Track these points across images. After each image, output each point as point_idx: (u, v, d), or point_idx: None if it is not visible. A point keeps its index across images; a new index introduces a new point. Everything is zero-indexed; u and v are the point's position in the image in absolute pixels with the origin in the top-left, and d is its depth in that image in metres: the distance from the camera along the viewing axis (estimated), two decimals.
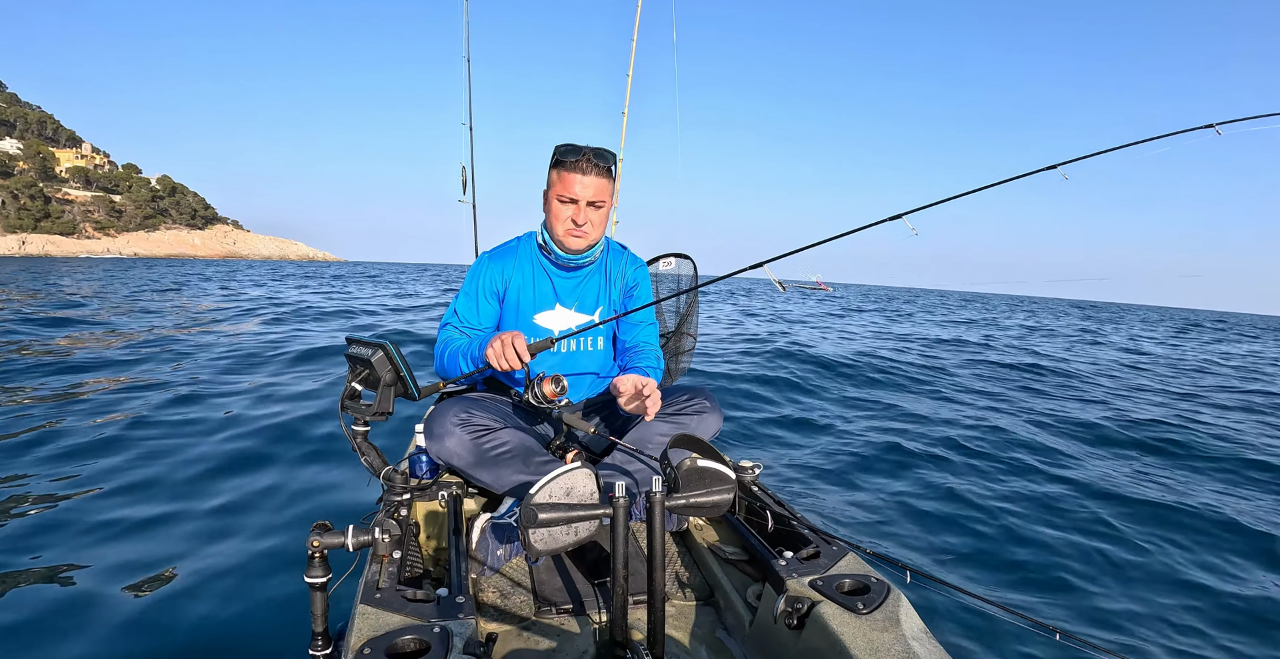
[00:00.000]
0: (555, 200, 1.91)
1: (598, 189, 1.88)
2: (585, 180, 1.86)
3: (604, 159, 1.87)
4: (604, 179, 1.89)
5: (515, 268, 2.05)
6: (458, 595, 1.23)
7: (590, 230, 1.93)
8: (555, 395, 1.70)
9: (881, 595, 1.28)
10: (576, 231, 1.92)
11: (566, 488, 1.18)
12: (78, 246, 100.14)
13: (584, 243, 1.96)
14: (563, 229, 1.93)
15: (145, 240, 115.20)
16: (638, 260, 2.20)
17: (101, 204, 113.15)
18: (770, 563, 1.43)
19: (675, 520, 1.88)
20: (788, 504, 1.76)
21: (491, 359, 1.73)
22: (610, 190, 1.92)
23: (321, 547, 1.36)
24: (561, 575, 1.63)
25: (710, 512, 1.23)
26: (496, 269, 2.05)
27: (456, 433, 1.74)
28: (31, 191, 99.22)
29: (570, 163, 1.86)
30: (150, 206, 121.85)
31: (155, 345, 7.50)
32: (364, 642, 1.08)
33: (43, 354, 6.48)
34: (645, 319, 2.18)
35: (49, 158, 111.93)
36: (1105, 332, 20.69)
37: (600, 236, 2.00)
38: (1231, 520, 3.30)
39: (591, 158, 1.85)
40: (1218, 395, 7.85)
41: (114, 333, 8.50)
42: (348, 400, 1.60)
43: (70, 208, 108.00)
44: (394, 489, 1.59)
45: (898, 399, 6.31)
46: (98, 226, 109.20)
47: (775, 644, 1.33)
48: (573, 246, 1.96)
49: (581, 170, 1.85)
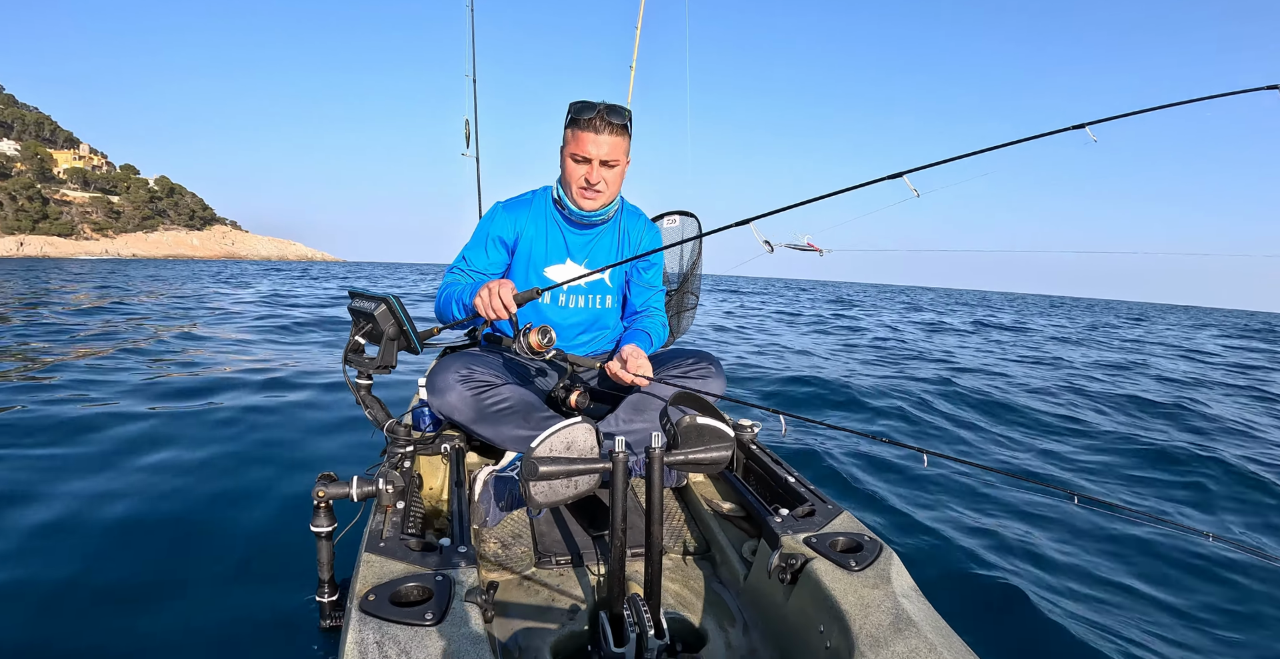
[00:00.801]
0: (569, 159, 1.88)
1: (611, 147, 1.84)
2: (599, 139, 1.82)
3: (618, 116, 1.82)
4: (618, 137, 1.84)
5: (529, 219, 2.03)
6: (460, 546, 1.26)
7: (604, 189, 1.90)
8: (541, 347, 1.67)
9: (874, 554, 1.31)
10: (589, 192, 1.90)
11: (567, 442, 1.20)
12: (76, 248, 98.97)
13: (596, 204, 1.93)
14: (576, 188, 1.90)
15: (144, 241, 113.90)
16: (653, 226, 2.18)
17: (99, 205, 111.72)
18: (766, 519, 1.45)
19: (674, 476, 1.91)
20: (785, 463, 1.78)
21: (479, 307, 1.71)
22: (625, 148, 1.88)
23: (327, 497, 1.39)
24: (561, 528, 1.66)
25: (708, 468, 1.24)
26: (509, 219, 2.03)
27: (457, 388, 1.75)
28: (29, 193, 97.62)
29: (584, 121, 1.81)
30: (148, 207, 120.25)
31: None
32: (369, 588, 1.10)
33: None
34: (654, 283, 2.17)
35: (46, 159, 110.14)
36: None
37: (615, 195, 1.97)
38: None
39: (605, 115, 1.80)
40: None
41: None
42: (351, 353, 1.61)
43: (68, 209, 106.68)
44: (397, 441, 1.61)
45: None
46: (96, 228, 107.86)
47: (769, 598, 1.37)
48: (585, 207, 1.93)
49: (595, 129, 1.81)
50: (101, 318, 9.11)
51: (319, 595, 1.52)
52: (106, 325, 8.11)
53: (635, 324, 2.13)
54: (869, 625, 1.11)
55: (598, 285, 2.08)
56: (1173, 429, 4.99)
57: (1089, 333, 16.76)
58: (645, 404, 1.88)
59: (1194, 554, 2.57)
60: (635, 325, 2.12)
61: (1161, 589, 2.33)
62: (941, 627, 1.12)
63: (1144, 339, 15.65)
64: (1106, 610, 2.16)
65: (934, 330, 14.11)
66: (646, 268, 2.14)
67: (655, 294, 2.19)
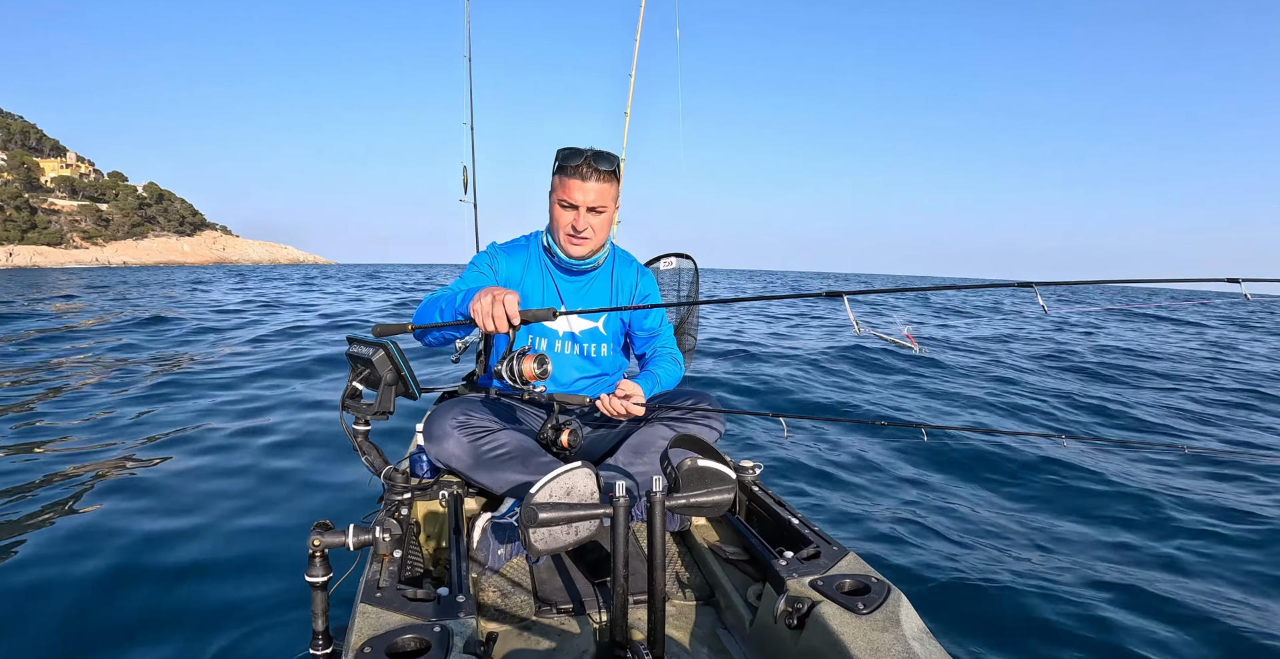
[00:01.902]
0: (557, 205, 1.89)
1: (599, 194, 1.85)
2: (585, 186, 1.83)
3: (605, 162, 1.84)
4: (605, 184, 1.85)
5: (524, 266, 2.04)
6: (458, 595, 1.23)
7: (591, 236, 1.91)
8: (534, 377, 1.53)
9: (882, 595, 1.28)
10: (576, 239, 1.91)
11: (567, 487, 1.18)
12: (65, 257, 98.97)
13: (584, 250, 1.94)
14: (563, 234, 1.92)
15: (134, 248, 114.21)
16: (647, 271, 2.19)
17: (88, 213, 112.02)
18: (771, 563, 1.43)
19: (676, 520, 1.88)
20: (788, 504, 1.76)
21: (477, 314, 1.56)
22: (612, 194, 1.90)
23: (322, 545, 1.36)
24: (562, 575, 1.63)
25: (711, 511, 1.23)
26: (507, 261, 2.03)
27: (455, 435, 1.74)
28: (17, 202, 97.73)
29: (571, 168, 1.83)
30: (138, 214, 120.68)
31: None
32: (365, 640, 1.08)
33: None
34: (654, 329, 2.17)
35: (33, 168, 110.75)
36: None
37: (603, 242, 1.99)
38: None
39: (592, 162, 1.82)
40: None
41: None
42: (349, 399, 1.60)
43: (57, 218, 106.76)
44: (395, 488, 1.59)
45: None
46: (85, 236, 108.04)
47: (775, 644, 1.33)
48: (573, 253, 1.94)
49: (581, 175, 1.82)
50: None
51: (313, 648, 1.47)
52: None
53: (644, 366, 2.13)
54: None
55: (592, 334, 2.07)
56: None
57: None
58: (644, 446, 1.87)
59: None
60: (644, 368, 2.12)
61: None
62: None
63: None
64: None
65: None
66: (642, 315, 2.13)
67: (659, 337, 2.18)
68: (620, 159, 1.90)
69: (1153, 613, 2.23)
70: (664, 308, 2.24)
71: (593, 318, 2.06)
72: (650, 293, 2.16)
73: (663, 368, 2.08)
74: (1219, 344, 12.14)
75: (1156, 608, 2.26)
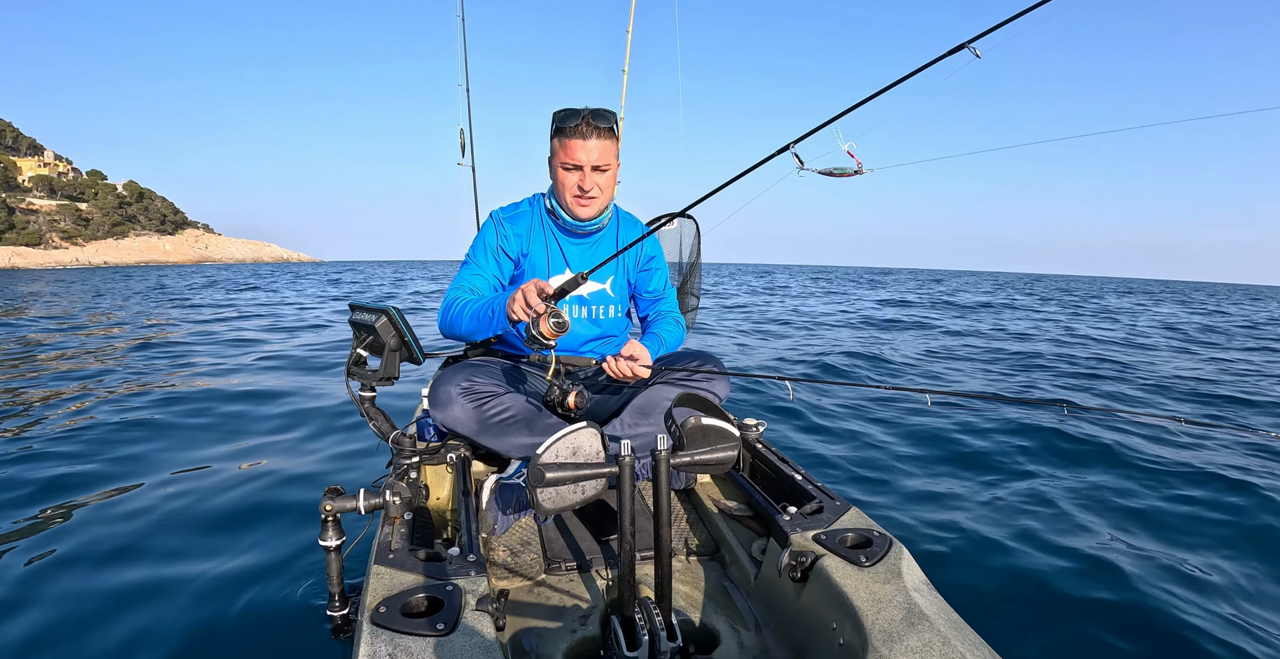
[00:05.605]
0: (560, 168, 1.87)
1: (601, 151, 1.83)
2: (587, 145, 1.81)
3: (604, 119, 1.82)
4: (606, 141, 1.83)
5: (527, 231, 2.02)
6: (469, 555, 1.26)
7: (598, 195, 1.89)
8: (552, 335, 1.54)
9: (884, 549, 1.31)
10: (583, 199, 1.89)
11: (573, 447, 1.20)
12: (45, 258, 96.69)
13: (592, 210, 1.92)
14: (570, 197, 1.89)
15: (115, 248, 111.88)
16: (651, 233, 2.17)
17: (67, 213, 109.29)
18: (774, 518, 1.45)
19: (682, 478, 1.91)
20: (791, 461, 1.78)
21: (518, 316, 1.57)
22: (614, 151, 1.88)
23: (334, 511, 1.39)
24: (569, 534, 1.66)
25: (715, 469, 1.24)
26: (510, 230, 2.01)
27: (459, 401, 1.75)
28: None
29: (570, 128, 1.80)
30: (118, 213, 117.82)
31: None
32: (379, 600, 1.10)
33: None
34: (658, 292, 2.17)
35: (10, 167, 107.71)
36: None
37: (609, 200, 1.97)
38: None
39: (590, 120, 1.80)
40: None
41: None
42: (353, 366, 1.61)
43: (35, 218, 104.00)
44: (403, 453, 1.61)
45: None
46: (65, 236, 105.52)
47: (779, 597, 1.37)
48: (581, 215, 1.92)
49: (582, 135, 1.80)
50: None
51: (329, 609, 1.52)
52: None
53: (648, 328, 2.13)
54: (881, 621, 1.11)
55: (600, 296, 2.07)
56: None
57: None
58: (650, 407, 1.88)
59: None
60: (648, 329, 2.12)
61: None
62: (955, 620, 1.12)
63: None
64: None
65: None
66: (647, 278, 2.13)
67: (663, 300, 2.18)
68: (619, 116, 1.86)
69: (1168, 573, 2.25)
70: (666, 270, 2.23)
71: (600, 279, 2.06)
72: (655, 254, 2.15)
73: (666, 330, 2.08)
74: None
75: (1170, 568, 2.28)
